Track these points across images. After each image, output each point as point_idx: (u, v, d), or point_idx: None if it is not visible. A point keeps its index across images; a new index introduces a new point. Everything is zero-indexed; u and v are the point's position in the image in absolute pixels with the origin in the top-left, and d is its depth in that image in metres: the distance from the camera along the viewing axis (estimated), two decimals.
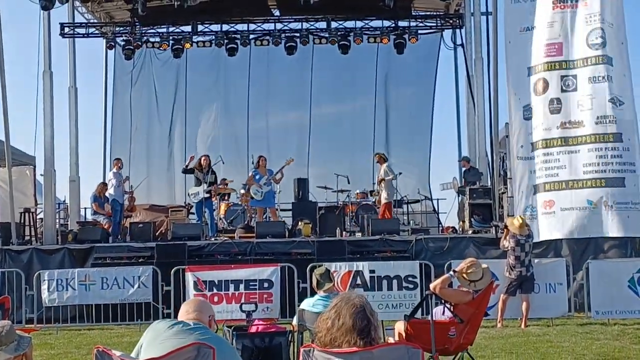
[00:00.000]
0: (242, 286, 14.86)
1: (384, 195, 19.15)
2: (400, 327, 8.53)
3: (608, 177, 15.67)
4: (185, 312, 4.86)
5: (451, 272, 8.90)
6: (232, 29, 23.28)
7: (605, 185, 15.64)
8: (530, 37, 16.27)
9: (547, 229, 15.82)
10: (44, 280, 15.32)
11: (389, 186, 19.16)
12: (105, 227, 18.86)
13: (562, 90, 15.95)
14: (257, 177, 18.91)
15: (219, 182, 19.76)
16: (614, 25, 16.05)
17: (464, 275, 8.66)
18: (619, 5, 16.25)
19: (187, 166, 19.47)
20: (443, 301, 8.59)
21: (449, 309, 8.49)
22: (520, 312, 14.02)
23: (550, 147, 15.94)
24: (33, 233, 19.84)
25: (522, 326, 13.75)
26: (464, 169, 20.11)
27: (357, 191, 21.86)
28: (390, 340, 8.24)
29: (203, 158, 19.21)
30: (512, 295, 14.10)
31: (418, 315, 8.89)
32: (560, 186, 15.78)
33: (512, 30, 16.53)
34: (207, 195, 18.69)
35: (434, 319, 8.43)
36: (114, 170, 20.11)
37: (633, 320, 13.92)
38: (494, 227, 16.78)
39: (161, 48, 23.53)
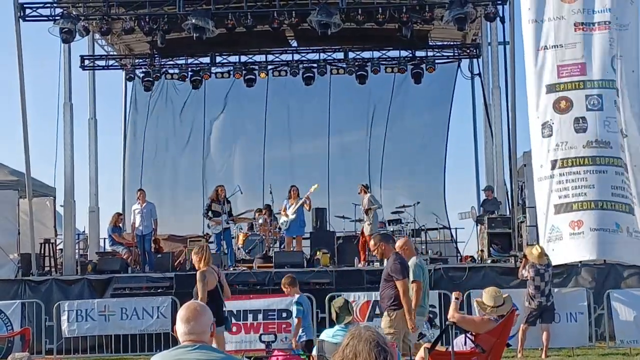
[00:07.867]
0: (260, 316, 14.90)
1: (367, 226, 18.44)
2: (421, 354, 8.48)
3: (631, 204, 15.50)
4: (183, 333, 4.32)
5: (453, 297, 8.87)
6: (250, 60, 23.47)
7: (629, 211, 15.43)
8: (549, 56, 15.95)
9: (576, 251, 15.33)
10: (64, 310, 15.40)
11: (375, 216, 18.74)
12: (124, 257, 18.90)
13: (587, 109, 15.65)
14: (287, 207, 18.96)
15: (241, 211, 19.69)
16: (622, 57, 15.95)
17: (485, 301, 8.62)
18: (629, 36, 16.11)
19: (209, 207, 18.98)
20: (465, 331, 8.55)
21: (471, 339, 8.44)
22: (541, 342, 13.89)
23: (577, 165, 15.48)
24: (53, 264, 19.88)
25: (543, 356, 13.64)
26: (486, 198, 19.74)
27: None
28: None
29: (220, 189, 19.01)
30: (532, 325, 13.98)
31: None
32: (590, 206, 15.29)
33: (531, 48, 16.18)
34: (227, 225, 18.70)
35: (454, 349, 8.38)
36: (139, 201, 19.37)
37: None
38: (512, 257, 16.66)
39: (180, 79, 23.76)
